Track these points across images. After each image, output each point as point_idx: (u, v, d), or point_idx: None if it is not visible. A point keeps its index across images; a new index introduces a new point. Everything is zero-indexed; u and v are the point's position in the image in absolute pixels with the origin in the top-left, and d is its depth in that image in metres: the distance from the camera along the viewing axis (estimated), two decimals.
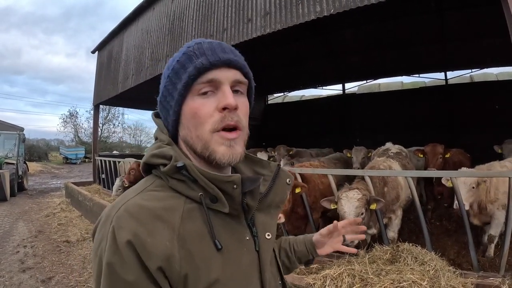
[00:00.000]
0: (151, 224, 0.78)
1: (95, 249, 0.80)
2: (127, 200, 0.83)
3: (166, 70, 0.95)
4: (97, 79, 12.90)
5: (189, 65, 0.88)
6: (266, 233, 0.99)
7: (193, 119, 0.89)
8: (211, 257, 0.82)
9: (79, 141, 41.37)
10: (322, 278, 3.12)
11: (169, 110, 0.92)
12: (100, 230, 0.81)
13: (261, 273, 0.94)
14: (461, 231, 5.20)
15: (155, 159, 0.90)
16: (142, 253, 0.74)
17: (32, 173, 21.33)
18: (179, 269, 0.77)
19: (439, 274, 3.01)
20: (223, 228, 0.88)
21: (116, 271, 0.74)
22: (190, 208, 0.85)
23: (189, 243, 0.81)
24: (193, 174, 0.85)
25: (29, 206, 11.39)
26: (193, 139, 0.90)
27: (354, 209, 3.61)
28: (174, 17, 7.91)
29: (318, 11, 4.56)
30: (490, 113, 10.26)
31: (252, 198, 0.93)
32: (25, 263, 5.96)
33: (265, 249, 0.97)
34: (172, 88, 0.91)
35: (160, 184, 0.89)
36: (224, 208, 0.87)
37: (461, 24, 9.27)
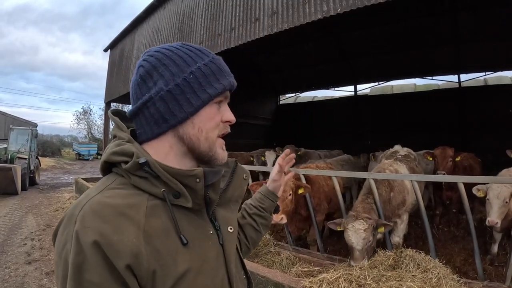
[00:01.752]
0: (116, 221, 0.77)
1: (58, 251, 0.78)
2: (89, 199, 0.81)
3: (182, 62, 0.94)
4: (109, 77, 13.07)
5: (222, 78, 0.97)
6: (228, 227, 1.02)
7: (209, 122, 0.95)
8: (177, 252, 0.83)
9: (92, 138, 41.84)
10: (319, 282, 3.07)
11: (186, 106, 0.91)
12: (63, 231, 0.79)
13: (227, 266, 0.96)
14: (469, 238, 5.10)
15: (115, 156, 0.89)
16: (109, 252, 0.73)
17: (45, 168, 21.59)
18: (147, 266, 0.77)
19: (442, 283, 2.94)
20: (187, 223, 0.89)
21: (82, 272, 0.72)
22: (153, 205, 0.85)
23: (155, 240, 0.80)
24: (155, 170, 0.85)
25: (39, 200, 11.51)
26: (201, 140, 0.95)
27: (361, 240, 3.56)
28: (183, 16, 7.95)
29: (325, 10, 4.52)
30: (503, 117, 10.09)
31: (214, 192, 0.95)
32: (31, 255, 6.02)
33: (229, 241, 1.00)
34: (198, 88, 0.93)
35: (121, 182, 0.88)
36: (187, 203, 0.88)
37: (475, 25, 9.13)
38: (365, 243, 3.55)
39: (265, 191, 1.51)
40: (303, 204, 4.61)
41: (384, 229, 3.71)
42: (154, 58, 0.95)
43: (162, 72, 0.93)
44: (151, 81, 0.93)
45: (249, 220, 1.44)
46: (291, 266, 4.18)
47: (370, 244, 3.62)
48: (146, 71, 0.94)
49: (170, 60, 0.94)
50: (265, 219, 1.47)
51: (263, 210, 1.47)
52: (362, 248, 3.53)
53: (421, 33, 9.96)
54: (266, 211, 1.48)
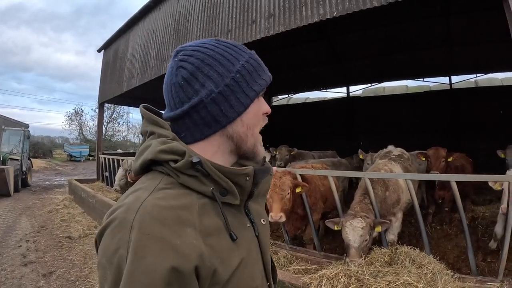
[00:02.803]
0: (175, 225, 0.76)
1: (108, 254, 0.75)
2: (142, 201, 0.78)
3: (226, 62, 0.93)
4: (103, 77, 13.00)
5: (263, 73, 0.99)
6: (261, 219, 1.04)
7: (255, 118, 0.98)
8: (229, 248, 0.85)
9: (83, 139, 41.48)
10: (319, 278, 3.13)
11: (236, 106, 0.92)
12: (115, 235, 0.76)
13: (263, 256, 0.99)
14: (461, 236, 5.21)
15: (164, 155, 0.86)
16: (175, 257, 0.72)
17: (36, 169, 21.40)
18: (210, 265, 0.78)
19: (437, 277, 3.01)
20: (233, 219, 0.91)
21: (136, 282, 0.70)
22: (203, 204, 0.85)
23: (210, 238, 0.81)
24: (207, 169, 0.85)
25: (32, 201, 11.45)
26: (248, 136, 0.97)
27: (359, 238, 3.63)
28: (179, 18, 7.96)
29: (321, 13, 4.58)
30: (494, 118, 10.23)
31: (257, 188, 0.98)
32: (27, 257, 6.01)
33: (263, 233, 1.02)
34: (246, 87, 0.94)
35: (169, 181, 0.86)
36: (235, 200, 0.90)
37: (466, 28, 9.26)
38: (362, 241, 3.62)
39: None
40: (300, 204, 4.66)
41: (381, 228, 3.79)
42: (195, 59, 0.92)
43: (208, 73, 0.91)
44: (197, 83, 0.91)
45: None
46: (288, 265, 4.23)
47: (366, 243, 3.70)
48: (189, 72, 0.91)
49: (213, 59, 0.92)
50: None
51: None
52: (359, 246, 3.60)
53: (413, 35, 10.06)
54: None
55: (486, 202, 6.87)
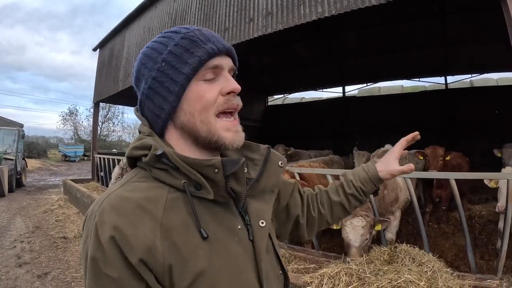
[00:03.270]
0: (132, 215, 0.76)
1: (82, 245, 0.80)
2: (110, 194, 0.82)
3: (155, 54, 0.91)
4: (98, 76, 12.92)
5: (196, 50, 0.87)
6: (260, 221, 0.95)
7: (198, 103, 0.88)
8: (197, 247, 0.80)
9: (78, 139, 41.33)
10: (320, 277, 3.12)
11: (167, 96, 0.88)
12: (86, 226, 0.80)
13: (257, 263, 0.90)
14: (459, 234, 5.24)
15: (136, 151, 0.89)
16: (124, 247, 0.73)
17: (31, 169, 21.29)
18: (162, 260, 0.75)
19: (437, 275, 3.01)
20: (211, 217, 0.86)
21: (99, 267, 0.73)
22: (173, 198, 0.84)
23: (173, 234, 0.79)
24: (173, 161, 0.83)
25: (27, 202, 11.37)
26: (197, 124, 0.89)
27: (359, 237, 3.62)
28: (176, 16, 7.93)
29: (319, 12, 4.58)
30: (489, 117, 10.30)
31: (237, 183, 0.90)
32: (21, 258, 5.95)
33: (260, 237, 0.93)
34: (173, 73, 0.87)
35: (143, 175, 0.88)
36: (208, 194, 0.85)
37: (462, 28, 9.29)
38: (362, 240, 3.61)
39: (374, 175, 1.33)
40: None
41: (381, 227, 3.78)
42: (137, 62, 0.95)
43: (143, 72, 0.92)
44: (140, 84, 0.94)
45: (343, 199, 1.32)
46: (287, 264, 4.21)
47: (367, 242, 3.69)
48: (135, 77, 0.96)
49: (146, 57, 0.92)
50: (361, 202, 1.36)
51: (362, 193, 1.33)
52: (359, 245, 3.59)
53: (409, 35, 10.09)
54: (366, 195, 1.34)
55: (482, 201, 6.93)
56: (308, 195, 1.34)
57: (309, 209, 1.31)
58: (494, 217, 5.58)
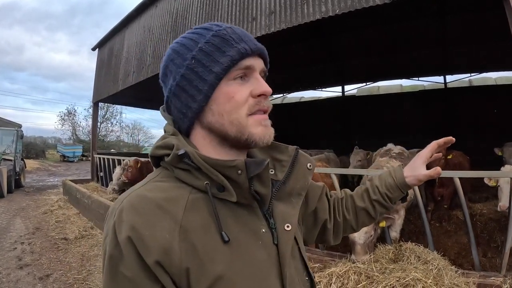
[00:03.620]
0: (151, 215, 0.75)
1: (102, 242, 0.80)
2: (131, 192, 0.82)
3: (184, 50, 0.88)
4: (97, 76, 12.89)
5: (227, 49, 0.84)
6: (285, 224, 0.92)
7: (228, 103, 0.85)
8: (216, 251, 0.77)
9: (76, 139, 41.27)
10: (328, 276, 3.13)
11: (196, 94, 0.85)
12: (106, 224, 0.80)
13: (281, 268, 0.86)
14: (461, 232, 5.25)
15: (159, 150, 0.87)
16: (140, 247, 0.72)
17: (29, 170, 21.25)
18: (179, 263, 0.73)
19: (442, 273, 3.03)
20: (234, 220, 0.83)
21: (116, 265, 0.74)
22: (195, 199, 0.81)
23: (193, 236, 0.76)
24: (195, 161, 0.80)
25: (26, 203, 11.33)
26: (225, 125, 0.85)
27: (364, 234, 3.62)
28: (177, 15, 7.91)
29: (323, 11, 4.57)
30: (488, 116, 10.33)
31: (262, 185, 0.87)
32: (22, 260, 5.92)
33: (285, 242, 0.90)
34: (203, 71, 0.84)
35: (166, 174, 0.87)
36: (231, 196, 0.82)
37: (461, 28, 9.33)
38: (367, 237, 3.63)
39: (400, 181, 1.27)
40: None
41: (385, 223, 3.79)
42: (165, 57, 0.93)
43: (171, 68, 0.89)
44: (167, 80, 0.92)
45: (368, 205, 1.28)
46: None
47: (371, 238, 3.70)
48: (162, 73, 0.94)
49: (175, 52, 0.90)
50: (386, 208, 1.30)
51: (388, 200, 1.27)
52: (364, 242, 3.60)
53: (409, 35, 10.12)
54: (391, 202, 1.28)
55: (483, 199, 6.94)
56: (335, 199, 1.31)
57: (335, 214, 1.28)
58: (495, 216, 5.61)
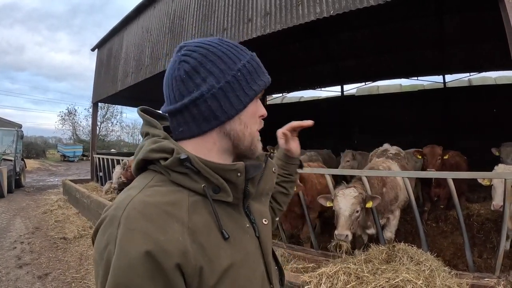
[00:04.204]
0: (161, 220, 0.77)
1: (99, 251, 0.77)
2: (131, 199, 0.81)
3: (228, 59, 0.94)
4: (96, 76, 12.91)
5: (262, 74, 1.01)
6: (263, 219, 1.04)
7: (252, 118, 1.00)
8: (220, 248, 0.84)
9: (77, 139, 41.28)
10: (318, 276, 3.14)
11: (236, 103, 0.94)
12: (105, 232, 0.78)
13: (264, 258, 0.98)
14: (457, 233, 5.25)
15: (154, 153, 0.88)
16: (159, 253, 0.72)
17: (30, 170, 21.27)
18: (195, 263, 0.77)
19: (435, 274, 3.04)
20: (227, 218, 0.90)
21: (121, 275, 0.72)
22: (194, 201, 0.85)
23: (199, 236, 0.81)
24: (196, 165, 0.85)
25: (26, 202, 11.36)
26: (246, 135, 0.98)
27: (349, 206, 3.65)
28: (174, 16, 7.92)
29: (318, 12, 4.58)
30: (488, 116, 10.31)
31: (252, 185, 0.97)
32: (22, 259, 5.96)
33: (265, 234, 1.01)
34: (246, 86, 0.95)
35: (160, 179, 0.88)
36: (228, 197, 0.89)
37: (460, 28, 9.32)
38: (352, 210, 3.65)
39: (285, 158, 1.55)
40: (297, 202, 4.67)
41: (372, 204, 3.81)
42: (198, 54, 0.93)
43: (210, 68, 0.92)
44: (199, 77, 0.92)
45: (278, 188, 1.49)
46: (286, 263, 4.24)
47: (357, 215, 3.72)
48: (192, 67, 0.92)
49: (216, 56, 0.93)
50: (292, 181, 1.55)
51: (288, 175, 1.53)
52: (349, 215, 3.62)
53: (407, 35, 10.11)
54: (292, 175, 1.55)
55: (481, 199, 6.92)
56: None
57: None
58: (492, 216, 5.60)
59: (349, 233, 3.56)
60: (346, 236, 3.54)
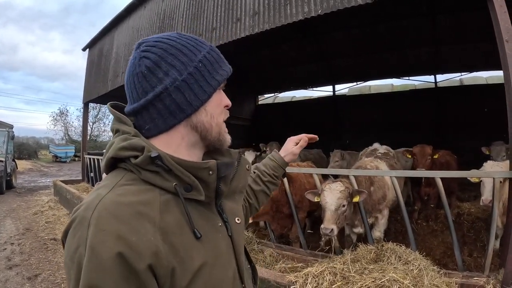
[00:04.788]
0: (133, 221, 0.75)
1: (70, 254, 0.75)
2: (101, 198, 0.79)
3: (188, 51, 0.94)
4: (87, 76, 12.80)
5: (224, 65, 1.01)
6: (235, 218, 1.03)
7: (217, 108, 0.99)
8: (192, 247, 0.83)
9: (69, 140, 41.01)
10: (304, 276, 3.14)
11: (200, 94, 0.93)
12: (75, 234, 0.76)
13: (236, 257, 0.98)
14: (447, 232, 5.27)
15: (124, 151, 0.86)
16: (130, 255, 0.71)
17: (21, 171, 21.14)
18: (167, 264, 0.76)
19: (423, 274, 3.04)
20: (199, 217, 0.89)
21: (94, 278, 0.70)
22: (165, 200, 0.84)
23: (171, 236, 0.79)
24: (167, 163, 0.83)
25: (17, 203, 11.27)
26: (213, 126, 0.97)
27: (336, 200, 3.67)
28: (164, 16, 7.89)
29: (306, 11, 4.57)
30: (478, 116, 10.37)
31: (224, 184, 0.96)
32: (11, 260, 5.92)
33: (238, 233, 1.01)
34: (208, 76, 0.95)
35: (131, 177, 0.86)
36: (200, 196, 0.88)
37: (452, 28, 9.35)
38: (339, 204, 3.66)
39: (280, 161, 1.62)
40: (285, 202, 4.67)
41: (359, 198, 3.83)
42: (157, 49, 0.92)
43: (171, 62, 0.91)
44: (161, 72, 0.90)
45: (263, 187, 1.55)
46: (274, 263, 4.24)
47: (343, 209, 3.73)
48: (153, 62, 0.91)
49: (176, 49, 0.93)
50: (276, 185, 1.61)
51: (276, 178, 1.59)
52: (335, 209, 3.63)
53: (399, 35, 10.13)
54: (278, 179, 1.61)
55: (471, 198, 6.97)
56: None
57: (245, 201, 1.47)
58: (482, 215, 5.64)
59: (334, 227, 3.57)
60: (331, 230, 3.54)
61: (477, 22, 8.10)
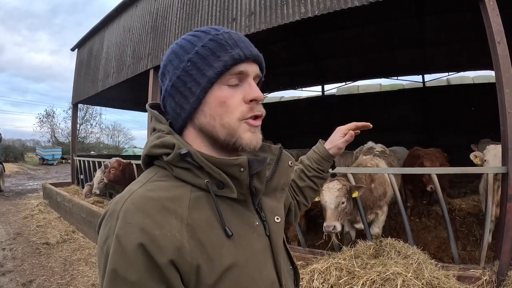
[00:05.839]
0: (158, 215, 0.76)
1: (101, 244, 0.78)
2: (131, 193, 0.81)
3: (182, 52, 0.91)
4: (76, 77, 12.61)
5: (222, 54, 0.87)
6: (275, 217, 0.98)
7: (220, 108, 0.88)
8: (222, 245, 0.81)
9: (55, 142, 40.44)
10: (310, 273, 3.18)
11: (189, 96, 0.88)
12: (106, 225, 0.79)
13: (274, 257, 0.93)
14: (440, 227, 5.39)
15: (157, 149, 0.87)
16: (153, 248, 0.72)
17: (8, 174, 20.72)
18: (191, 261, 0.75)
19: (422, 267, 3.12)
20: (232, 214, 0.87)
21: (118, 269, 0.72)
22: (196, 197, 0.84)
23: (199, 233, 0.79)
24: (197, 160, 0.83)
25: (6, 207, 11.04)
26: (216, 128, 0.89)
27: (334, 199, 3.72)
28: (157, 15, 7.83)
29: (303, 12, 4.61)
30: (466, 114, 10.58)
31: (259, 181, 0.92)
32: (4, 266, 5.79)
33: (276, 232, 0.96)
34: (197, 74, 0.87)
35: (164, 174, 0.87)
36: (232, 193, 0.86)
37: (439, 28, 9.52)
38: (338, 202, 3.72)
39: (324, 154, 1.49)
40: None
41: (358, 193, 3.89)
42: (165, 57, 0.96)
43: (169, 68, 0.93)
44: (165, 79, 0.95)
45: (308, 182, 1.46)
46: None
47: (343, 206, 3.79)
48: (161, 72, 0.97)
49: (173, 53, 0.93)
50: (324, 178, 1.51)
51: (321, 172, 1.48)
52: (335, 207, 3.69)
53: (388, 35, 10.27)
54: (325, 172, 1.50)
55: (461, 194, 7.13)
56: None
57: (293, 197, 1.44)
58: (473, 210, 5.79)
59: (337, 224, 3.63)
60: (334, 227, 3.60)
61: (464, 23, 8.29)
